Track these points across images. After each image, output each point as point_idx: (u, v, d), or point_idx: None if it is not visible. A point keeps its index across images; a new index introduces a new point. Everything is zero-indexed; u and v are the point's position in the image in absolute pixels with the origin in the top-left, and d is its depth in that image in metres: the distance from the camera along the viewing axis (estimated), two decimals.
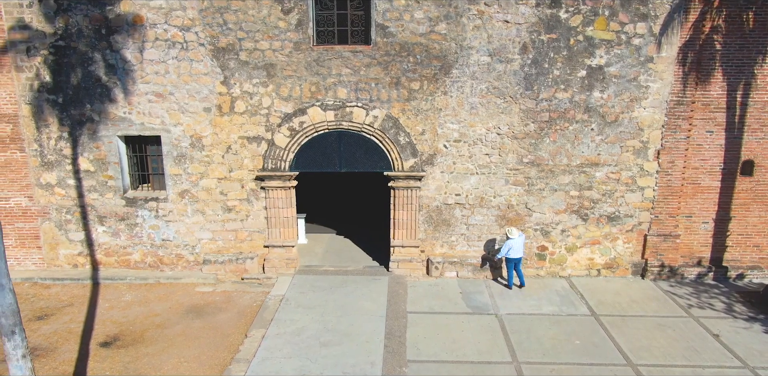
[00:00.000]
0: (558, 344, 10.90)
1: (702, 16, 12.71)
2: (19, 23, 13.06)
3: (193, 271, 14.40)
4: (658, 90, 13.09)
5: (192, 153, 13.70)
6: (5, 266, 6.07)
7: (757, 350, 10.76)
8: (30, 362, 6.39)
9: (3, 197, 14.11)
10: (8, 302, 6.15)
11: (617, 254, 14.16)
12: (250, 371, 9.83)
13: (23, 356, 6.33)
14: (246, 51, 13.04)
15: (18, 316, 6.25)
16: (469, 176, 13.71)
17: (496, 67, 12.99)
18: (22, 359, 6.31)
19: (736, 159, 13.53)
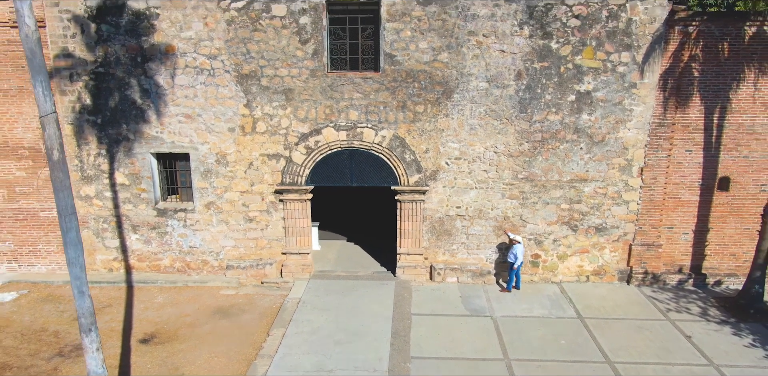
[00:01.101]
0: (545, 344, 12.23)
1: (681, 46, 13.98)
2: (63, 52, 14.53)
3: (218, 275, 15.83)
4: (641, 113, 14.37)
5: (217, 169, 15.12)
6: (85, 277, 7.49)
7: (724, 350, 12.04)
8: (101, 354, 7.81)
9: (47, 208, 15.61)
10: (87, 305, 7.57)
11: (604, 261, 15.45)
12: (273, 365, 11.22)
13: (97, 349, 7.75)
14: (267, 77, 14.44)
15: (94, 316, 7.66)
16: (469, 190, 15.05)
17: (494, 92, 14.32)
18: (96, 352, 7.74)
19: (713, 176, 14.78)
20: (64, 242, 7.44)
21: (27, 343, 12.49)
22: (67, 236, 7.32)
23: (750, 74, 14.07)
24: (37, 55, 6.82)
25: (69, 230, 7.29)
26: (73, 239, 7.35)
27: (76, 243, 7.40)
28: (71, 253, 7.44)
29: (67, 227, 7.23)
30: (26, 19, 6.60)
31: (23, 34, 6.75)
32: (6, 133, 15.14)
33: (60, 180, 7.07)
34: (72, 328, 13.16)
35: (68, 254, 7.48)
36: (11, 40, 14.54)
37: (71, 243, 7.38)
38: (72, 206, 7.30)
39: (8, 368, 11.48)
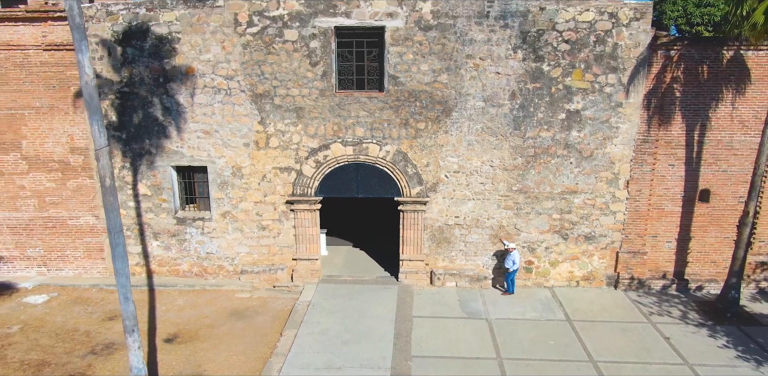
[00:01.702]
0: (535, 344, 13.35)
1: (663, 68, 15.08)
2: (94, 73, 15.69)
3: (233, 279, 17.01)
4: (627, 130, 15.47)
5: (233, 181, 16.30)
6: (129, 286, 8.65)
7: (699, 350, 13.14)
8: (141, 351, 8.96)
9: (74, 216, 16.83)
10: (131, 309, 8.73)
11: (593, 268, 16.56)
12: (287, 363, 12.38)
13: (138, 347, 8.91)
14: (279, 96, 15.60)
15: (136, 319, 8.83)
16: (467, 201, 16.18)
17: (490, 111, 15.45)
18: (137, 350, 8.89)
19: (694, 188, 15.87)
20: (113, 255, 8.61)
21: (62, 342, 13.68)
22: (116, 250, 8.49)
23: (728, 94, 15.15)
24: (94, 99, 7.98)
25: (117, 245, 8.45)
26: (121, 253, 8.51)
27: (123, 256, 8.55)
28: (119, 265, 8.61)
29: (116, 242, 8.40)
30: (86, 69, 7.77)
31: (83, 81, 7.93)
32: (37, 147, 16.34)
33: (111, 203, 8.24)
34: (101, 328, 14.36)
35: (116, 266, 8.64)
36: (43, 62, 15.74)
37: (119, 256, 8.55)
38: (120, 225, 8.46)
39: (47, 364, 12.67)
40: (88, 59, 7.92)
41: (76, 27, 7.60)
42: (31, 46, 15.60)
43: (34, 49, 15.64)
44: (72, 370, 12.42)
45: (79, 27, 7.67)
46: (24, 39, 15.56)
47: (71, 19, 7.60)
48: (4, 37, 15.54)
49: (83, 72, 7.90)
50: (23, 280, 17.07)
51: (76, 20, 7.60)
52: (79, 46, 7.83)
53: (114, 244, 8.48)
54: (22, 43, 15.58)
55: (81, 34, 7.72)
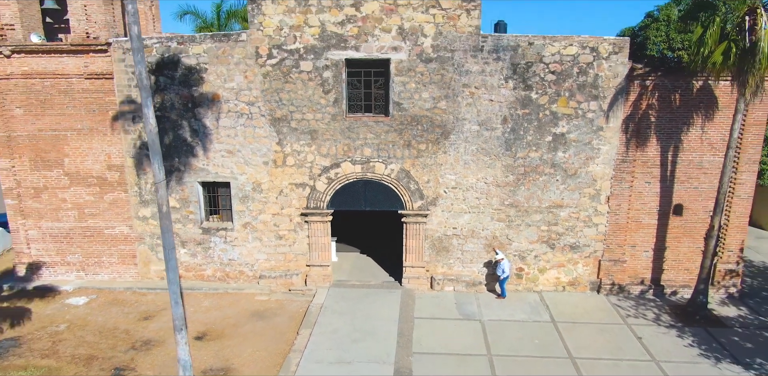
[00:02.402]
0: (522, 343, 15.13)
1: (639, 96, 16.82)
2: (127, 99, 17.60)
3: (252, 284, 18.84)
4: (607, 151, 17.22)
5: (253, 195, 18.14)
6: (179, 291, 10.47)
7: (666, 349, 14.88)
8: (188, 346, 10.77)
9: (110, 226, 18.71)
10: (180, 312, 10.55)
11: (578, 274, 18.31)
12: (304, 358, 14.20)
13: (185, 342, 10.72)
14: (295, 120, 17.43)
15: (184, 319, 10.63)
16: (463, 214, 17.96)
17: (484, 134, 17.23)
18: (185, 345, 10.71)
19: (668, 203, 17.60)
20: (167, 267, 10.44)
21: (105, 339, 15.56)
22: (169, 263, 10.31)
23: (698, 119, 16.87)
24: (156, 143, 9.81)
25: (170, 260, 10.27)
26: (173, 266, 10.33)
27: (175, 268, 10.37)
28: (171, 275, 10.44)
29: (169, 257, 10.23)
30: (150, 120, 9.60)
31: (148, 129, 9.77)
32: (78, 164, 18.23)
33: (166, 225, 10.07)
34: (138, 327, 16.24)
35: (169, 276, 10.48)
36: (85, 89, 17.61)
37: (171, 268, 10.38)
38: (173, 243, 10.29)
39: (95, 358, 14.54)
40: (152, 111, 9.75)
41: (144, 88, 9.43)
42: (74, 75, 17.48)
43: (76, 78, 17.51)
44: (117, 363, 14.29)
45: (145, 88, 9.49)
46: (68, 68, 17.44)
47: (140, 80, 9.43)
48: (50, 66, 17.42)
49: (148, 122, 9.74)
50: (63, 283, 18.96)
51: (144, 82, 9.43)
52: (145, 102, 9.66)
53: (168, 258, 10.32)
54: (66, 72, 17.46)
55: (147, 93, 9.54)
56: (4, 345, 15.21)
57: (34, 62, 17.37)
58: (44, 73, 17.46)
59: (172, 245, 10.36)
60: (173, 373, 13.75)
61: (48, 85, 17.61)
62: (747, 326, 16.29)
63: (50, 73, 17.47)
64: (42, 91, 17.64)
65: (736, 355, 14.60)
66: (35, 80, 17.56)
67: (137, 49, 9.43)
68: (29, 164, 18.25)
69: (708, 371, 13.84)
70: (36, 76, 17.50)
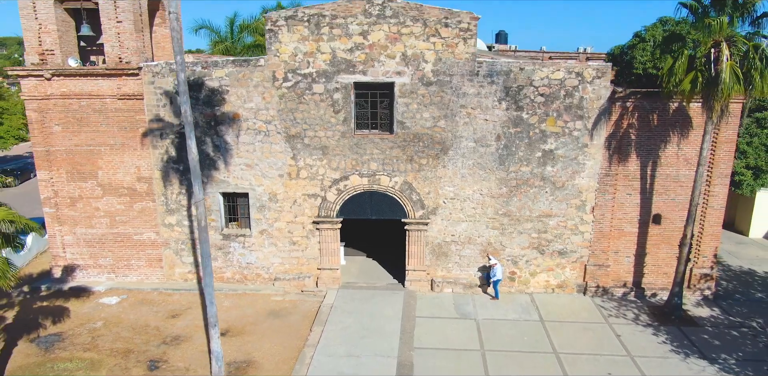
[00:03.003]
0: (512, 339, 16.85)
1: (621, 116, 18.51)
2: (155, 117, 19.40)
3: (268, 285, 20.63)
4: (592, 166, 18.93)
5: (269, 204, 19.92)
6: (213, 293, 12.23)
7: (642, 345, 16.57)
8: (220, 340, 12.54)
9: (139, 232, 20.52)
10: (214, 311, 12.33)
11: (566, 277, 20.02)
12: (317, 352, 15.96)
13: (218, 337, 12.48)
14: (308, 137, 19.19)
15: (216, 317, 12.38)
16: (461, 223, 19.70)
17: (479, 150, 18.96)
18: (217, 339, 12.47)
19: (648, 213, 19.29)
20: (204, 272, 12.22)
21: (138, 334, 17.36)
22: (206, 269, 12.08)
23: (674, 137, 18.56)
24: (197, 169, 11.59)
25: (206, 266, 12.04)
26: (209, 271, 12.10)
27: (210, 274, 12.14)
28: (207, 280, 12.22)
29: (205, 264, 12.01)
30: (192, 149, 11.39)
31: (190, 157, 11.57)
32: (111, 176, 20.04)
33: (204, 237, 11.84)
34: (167, 324, 18.03)
35: (205, 280, 12.26)
36: (117, 109, 19.42)
37: (207, 274, 12.15)
38: (209, 252, 12.06)
39: (131, 352, 16.34)
40: (194, 141, 11.55)
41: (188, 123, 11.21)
42: (108, 96, 19.29)
43: (110, 98, 19.32)
44: (151, 356, 16.09)
45: (190, 123, 11.27)
46: (102, 90, 19.26)
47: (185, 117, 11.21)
48: (86, 88, 19.25)
49: (191, 151, 11.54)
50: (96, 284, 20.79)
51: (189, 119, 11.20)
52: (189, 135, 11.47)
53: (204, 265, 12.10)
54: (100, 93, 19.28)
55: (191, 127, 11.33)
56: (49, 340, 17.04)
57: (72, 84, 19.20)
58: (81, 94, 19.28)
59: (209, 253, 12.15)
60: (202, 365, 15.57)
61: (84, 105, 19.43)
62: (717, 325, 17.97)
63: (86, 94, 19.28)
64: (78, 110, 19.47)
65: (704, 351, 16.29)
66: (73, 100, 19.38)
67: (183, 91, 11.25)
68: (66, 176, 20.07)
69: (677, 366, 15.54)
70: (73, 97, 19.32)
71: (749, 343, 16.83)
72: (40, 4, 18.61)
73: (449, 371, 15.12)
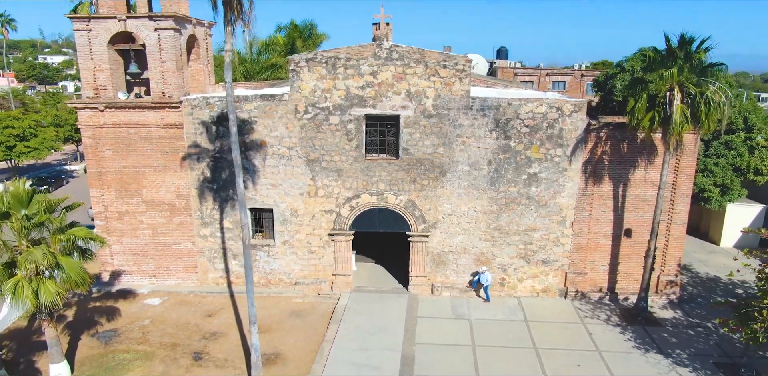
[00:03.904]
0: (499, 336, 19.79)
1: (595, 145, 21.42)
2: (193, 143, 22.47)
3: (289, 289, 23.66)
4: (571, 187, 21.84)
5: (291, 219, 22.95)
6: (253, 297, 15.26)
7: (609, 342, 19.47)
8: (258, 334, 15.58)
9: (177, 242, 23.61)
10: (254, 312, 15.34)
11: (549, 283, 22.94)
12: (334, 346, 18.95)
13: (256, 332, 15.51)
14: (325, 161, 22.21)
15: (255, 316, 15.38)
16: (457, 235, 22.66)
17: (473, 173, 21.91)
18: (256, 334, 15.50)
19: (620, 228, 22.18)
20: (246, 279, 15.24)
21: (181, 331, 20.42)
22: (248, 277, 15.11)
23: (642, 163, 21.44)
24: (242, 199, 14.59)
25: (249, 276, 15.07)
26: (251, 277, 15.13)
27: (251, 280, 15.16)
28: (249, 285, 15.26)
29: (247, 273, 15.05)
30: (240, 188, 14.41)
31: (239, 192, 14.59)
32: (154, 194, 23.14)
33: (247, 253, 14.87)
34: (204, 322, 21.08)
35: (247, 286, 15.30)
36: (160, 136, 22.49)
37: (249, 280, 15.18)
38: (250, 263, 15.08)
39: (177, 345, 19.39)
40: (241, 181, 14.60)
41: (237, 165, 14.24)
42: (153, 125, 22.38)
43: (154, 127, 22.41)
44: (195, 349, 19.15)
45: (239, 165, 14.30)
46: (148, 120, 22.35)
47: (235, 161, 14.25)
48: (134, 118, 22.34)
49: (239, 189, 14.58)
50: (139, 287, 23.90)
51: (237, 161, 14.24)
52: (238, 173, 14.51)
53: (247, 274, 15.13)
54: (146, 123, 22.37)
55: (239, 169, 14.37)
56: (107, 335, 20.14)
57: (122, 115, 22.31)
58: (129, 123, 22.39)
59: (250, 264, 15.18)
60: (237, 356, 18.63)
61: (132, 133, 22.53)
62: (677, 325, 20.85)
63: (134, 123, 22.39)
64: (127, 137, 22.57)
65: (662, 347, 19.19)
66: (122, 129, 22.49)
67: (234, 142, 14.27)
68: (115, 193, 23.20)
69: (637, 359, 18.44)
70: (123, 126, 22.43)
71: (702, 340, 19.72)
72: (95, 47, 21.73)
73: (445, 363, 18.09)
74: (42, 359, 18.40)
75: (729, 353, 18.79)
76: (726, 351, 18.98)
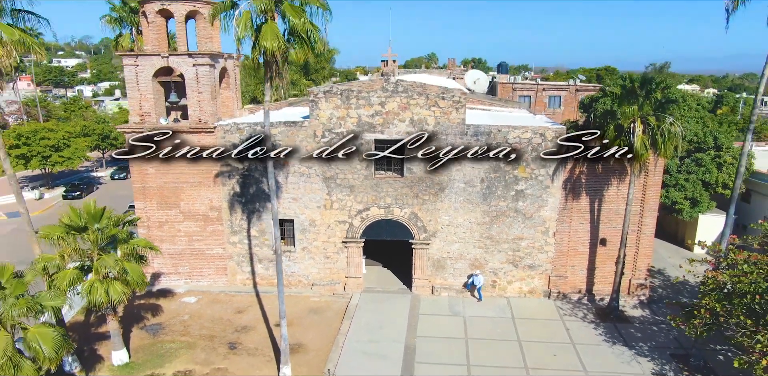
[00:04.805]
0: (489, 331, 23.10)
1: (574, 166, 24.69)
2: (225, 163, 25.91)
3: (307, 289, 27.06)
4: (553, 202, 25.13)
5: (309, 228, 26.36)
6: (283, 296, 18.66)
7: (583, 336, 22.74)
8: (286, 327, 18.99)
9: (209, 248, 27.07)
10: (284, 308, 18.76)
11: (534, 285, 26.24)
12: (347, 338, 22.32)
13: (285, 325, 18.91)
14: (339, 178, 25.59)
15: (285, 312, 18.77)
16: (454, 243, 26.00)
17: (468, 190, 25.24)
18: (285, 327, 18.91)
19: (596, 237, 25.46)
20: (278, 281, 18.64)
21: (215, 325, 23.86)
22: (279, 280, 18.55)
23: (614, 181, 24.69)
24: (277, 223, 18.00)
25: (280, 279, 18.50)
26: (281, 280, 18.56)
27: (281, 282, 18.57)
28: (280, 287, 18.68)
29: (279, 277, 18.49)
30: (275, 209, 17.81)
31: (273, 212, 18.00)
32: (191, 206, 26.60)
33: (280, 261, 18.29)
34: (235, 317, 24.50)
35: (279, 287, 18.71)
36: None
37: (280, 282, 18.61)
38: (282, 268, 18.52)
39: (213, 337, 22.83)
40: (276, 202, 18.00)
41: (272, 191, 17.65)
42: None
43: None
44: (229, 340, 22.58)
45: (273, 191, 17.71)
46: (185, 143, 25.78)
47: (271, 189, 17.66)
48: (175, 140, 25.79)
49: (274, 210, 17.99)
50: (176, 287, 27.37)
51: (273, 187, 17.65)
52: (273, 201, 17.91)
53: (279, 278, 18.54)
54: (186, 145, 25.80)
55: (274, 195, 17.78)
56: (153, 328, 23.60)
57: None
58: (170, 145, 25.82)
59: (282, 269, 18.57)
60: (266, 346, 22.04)
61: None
62: (644, 322, 24.11)
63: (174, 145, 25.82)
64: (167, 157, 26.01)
65: (628, 341, 22.45)
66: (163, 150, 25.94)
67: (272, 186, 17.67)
68: (156, 205, 26.68)
69: (604, 351, 21.72)
70: (164, 147, 25.87)
71: (663, 335, 22.97)
72: (141, 79, 25.22)
73: (441, 353, 21.43)
74: (102, 347, 21.89)
75: (684, 346, 22.04)
76: (682, 344, 22.23)
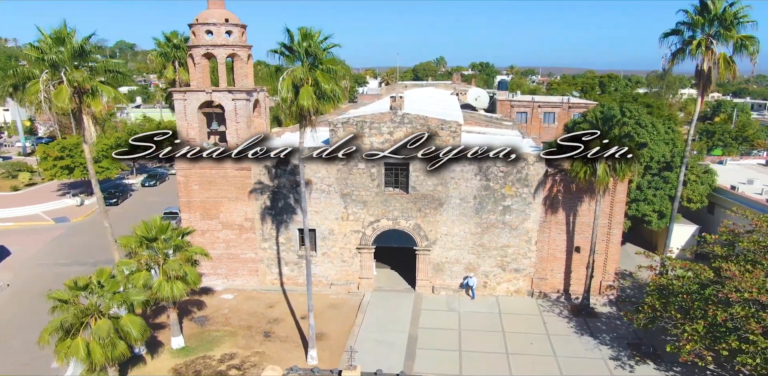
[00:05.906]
0: (480, 323, 27.74)
1: (552, 185, 29.28)
2: (258, 181, 30.71)
3: (326, 288, 31.80)
4: (535, 216, 29.74)
5: (329, 236, 31.11)
6: (311, 294, 23.33)
7: (557, 329, 27.32)
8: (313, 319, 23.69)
9: (244, 253, 31.89)
10: (311, 303, 23.46)
11: (520, 286, 30.86)
12: (361, 329, 27.01)
13: (312, 316, 23.59)
14: (355, 195, 30.32)
15: (312, 306, 23.46)
16: (452, 250, 30.66)
17: (463, 205, 29.90)
18: (312, 319, 23.59)
19: (572, 245, 30.02)
20: (307, 282, 23.36)
21: (251, 317, 28.65)
22: (309, 280, 23.24)
23: (586, 198, 29.24)
24: (307, 232, 22.72)
25: (308, 281, 23.22)
26: (309, 281, 23.26)
27: (310, 282, 23.29)
28: (309, 286, 23.41)
29: (308, 278, 23.19)
30: (306, 227, 22.54)
31: (305, 225, 22.75)
32: (228, 217, 31.42)
33: (309, 267, 23.00)
34: (267, 311, 29.28)
35: (308, 287, 23.45)
36: (234, 175, 30.73)
37: (309, 282, 23.33)
38: (310, 270, 23.23)
39: (250, 327, 27.61)
40: (307, 225, 22.73)
41: (304, 211, 22.37)
42: (229, 168, 30.63)
43: (230, 169, 30.66)
44: (264, 329, 27.36)
45: (304, 211, 22.44)
46: (225, 164, 30.60)
47: (304, 218, 22.41)
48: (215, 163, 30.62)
49: (305, 224, 22.74)
50: (215, 286, 32.21)
51: (305, 208, 22.39)
52: (304, 217, 22.66)
53: (308, 278, 23.28)
54: (224, 166, 30.60)
55: (305, 215, 22.52)
56: (200, 320, 28.44)
57: (206, 160, 30.60)
58: (211, 166, 30.67)
59: (310, 272, 23.31)
60: (295, 335, 26.81)
61: (213, 173, 30.82)
62: (609, 318, 28.66)
63: (215, 166, 30.67)
64: (209, 176, 30.86)
65: (594, 333, 27.03)
66: (206, 170, 30.79)
67: (305, 208, 22.40)
68: (199, 217, 31.53)
69: (573, 341, 26.31)
70: (207, 168, 30.73)
71: (624, 328, 27.53)
72: (188, 111, 30.06)
73: (439, 341, 26.11)
74: (161, 335, 26.73)
75: (639, 336, 26.59)
76: (638, 335, 26.77)
